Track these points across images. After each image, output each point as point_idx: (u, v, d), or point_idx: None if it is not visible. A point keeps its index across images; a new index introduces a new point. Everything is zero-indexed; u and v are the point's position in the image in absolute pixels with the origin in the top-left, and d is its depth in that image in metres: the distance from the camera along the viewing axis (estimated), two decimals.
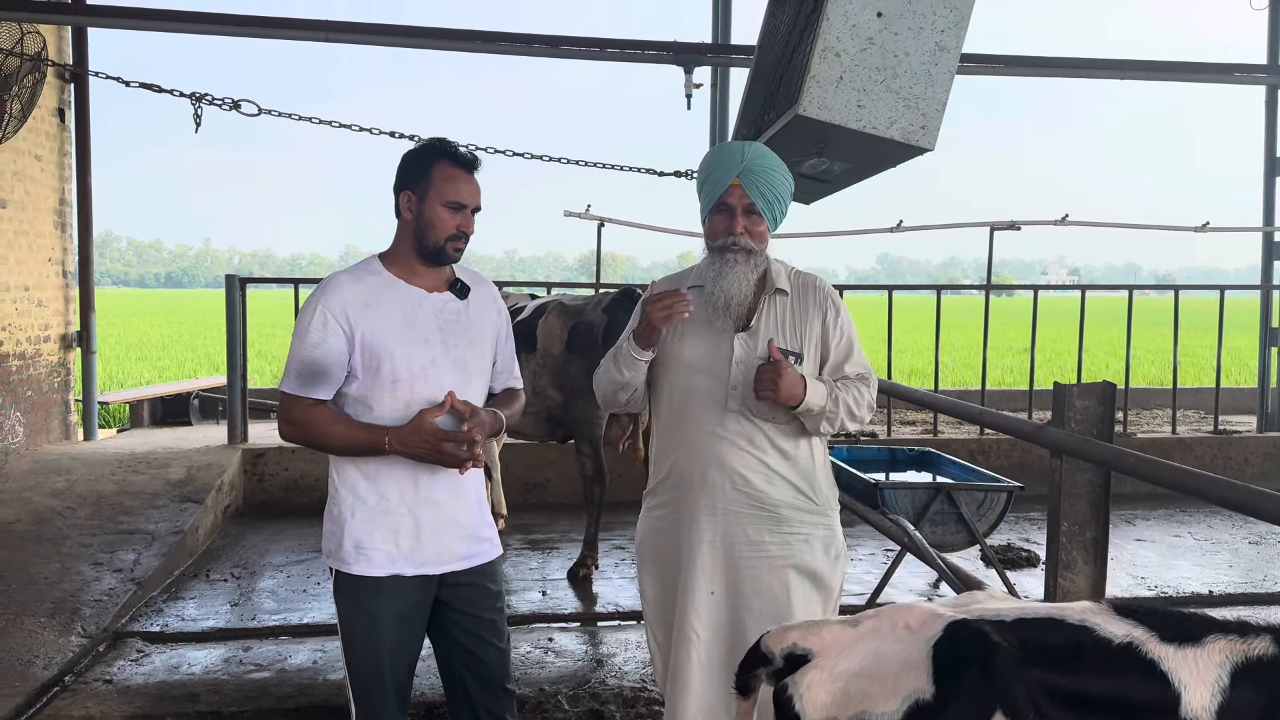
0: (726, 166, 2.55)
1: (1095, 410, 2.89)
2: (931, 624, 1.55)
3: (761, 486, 2.56)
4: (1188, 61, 6.28)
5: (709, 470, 2.56)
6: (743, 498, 2.55)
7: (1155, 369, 16.08)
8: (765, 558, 2.56)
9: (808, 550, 2.58)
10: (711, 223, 2.60)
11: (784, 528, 2.57)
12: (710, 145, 7.44)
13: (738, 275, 2.54)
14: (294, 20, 5.20)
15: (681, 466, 2.61)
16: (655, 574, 2.70)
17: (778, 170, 2.57)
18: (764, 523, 2.56)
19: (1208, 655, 1.47)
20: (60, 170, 7.85)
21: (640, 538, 2.76)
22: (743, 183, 2.52)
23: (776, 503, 2.56)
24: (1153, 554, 6.15)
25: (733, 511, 2.56)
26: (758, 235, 2.56)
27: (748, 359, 2.56)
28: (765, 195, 2.53)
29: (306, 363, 2.46)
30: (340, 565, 2.53)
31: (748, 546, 2.56)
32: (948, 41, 2.76)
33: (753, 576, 2.55)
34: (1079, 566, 2.96)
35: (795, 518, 2.58)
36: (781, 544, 2.57)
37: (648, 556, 2.73)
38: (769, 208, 2.55)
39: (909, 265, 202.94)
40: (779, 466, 2.57)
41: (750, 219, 2.55)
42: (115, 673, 4.18)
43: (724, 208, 2.55)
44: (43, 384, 7.56)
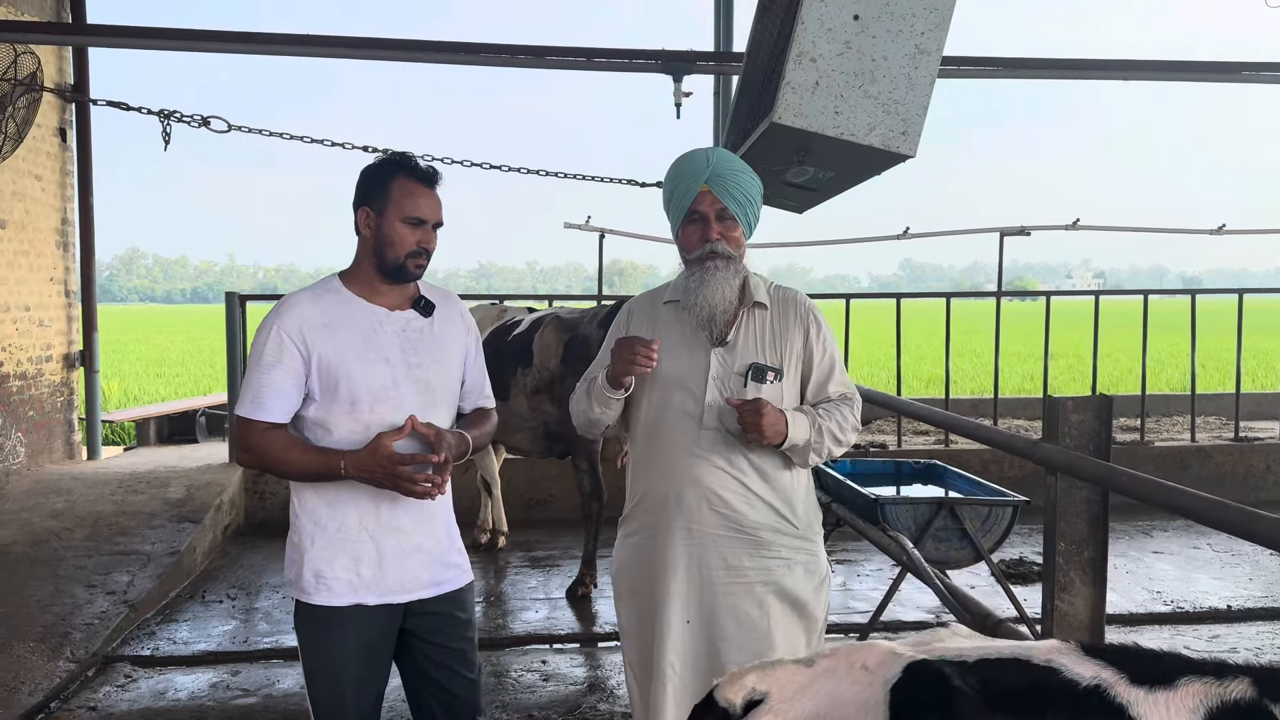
0: (693, 174, 2.47)
1: (1091, 425, 2.77)
2: (890, 664, 1.45)
3: (739, 508, 2.46)
4: (1194, 61, 6.13)
5: (685, 490, 2.46)
6: (720, 519, 2.45)
7: (1177, 374, 15.81)
8: (743, 583, 2.45)
9: (788, 575, 2.48)
10: (685, 234, 2.51)
11: (763, 551, 2.47)
12: None
13: (719, 283, 2.44)
14: (281, 35, 5.15)
15: (656, 487, 2.52)
16: (632, 606, 2.60)
17: (745, 172, 2.49)
18: (742, 546, 2.46)
19: (1180, 699, 1.35)
20: (62, 190, 7.86)
21: (616, 568, 2.66)
22: (712, 188, 2.44)
23: (755, 525, 2.46)
24: (1170, 567, 5.98)
25: (709, 534, 2.46)
26: (734, 241, 2.47)
27: (724, 374, 2.47)
28: (736, 198, 2.45)
29: (261, 385, 2.39)
30: (300, 595, 2.45)
31: (725, 571, 2.46)
32: (928, 44, 2.65)
33: (730, 604, 2.45)
34: (1077, 588, 2.83)
35: (775, 540, 2.48)
36: (761, 569, 2.46)
37: (624, 589, 2.63)
38: (742, 210, 2.47)
39: (931, 270, 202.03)
40: (757, 488, 2.47)
41: (725, 224, 2.46)
42: (100, 699, 4.12)
43: (696, 216, 2.47)
44: (45, 404, 7.56)
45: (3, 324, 6.98)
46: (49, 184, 7.65)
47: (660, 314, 2.58)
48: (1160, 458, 7.64)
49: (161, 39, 5.99)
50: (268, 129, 5.54)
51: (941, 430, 8.27)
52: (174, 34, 6.00)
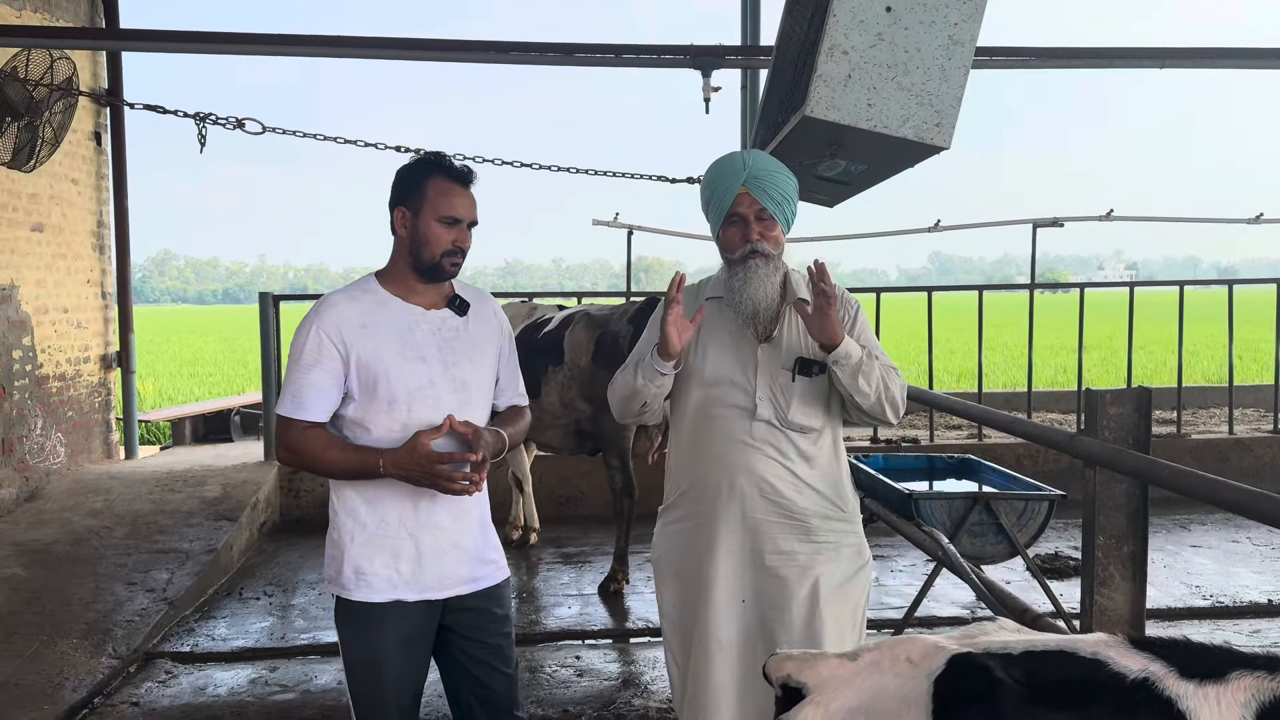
0: (731, 177, 2.52)
1: (1130, 418, 2.73)
2: (934, 657, 1.44)
3: (790, 495, 2.51)
4: (1231, 47, 6.03)
5: (737, 479, 2.51)
6: (772, 506, 2.51)
7: (1214, 365, 15.58)
8: (795, 567, 2.51)
9: (836, 560, 2.54)
10: (726, 236, 2.57)
11: (813, 537, 2.52)
12: (742, 148, 7.32)
13: (762, 280, 2.50)
14: (310, 37, 5.19)
15: (707, 477, 2.56)
16: (676, 590, 2.63)
17: (781, 172, 2.54)
18: (793, 532, 2.51)
19: (1231, 693, 1.33)
20: (98, 193, 7.97)
21: (659, 553, 2.69)
22: (749, 189, 2.49)
23: (805, 511, 2.52)
24: (1209, 561, 5.90)
25: (761, 520, 2.51)
26: (773, 240, 2.53)
27: (772, 369, 2.53)
28: (774, 198, 2.51)
29: (301, 385, 2.41)
30: (341, 591, 2.48)
31: (777, 556, 2.51)
32: (961, 34, 2.63)
33: (780, 586, 2.50)
34: (1116, 583, 2.80)
35: (824, 527, 2.53)
36: (811, 553, 2.52)
37: (668, 572, 2.66)
38: (780, 209, 2.52)
39: (961, 263, 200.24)
40: (806, 475, 2.53)
41: (764, 224, 2.52)
42: (142, 695, 4.18)
43: (736, 218, 2.53)
44: (83, 404, 7.67)
45: (41, 326, 7.09)
46: (85, 187, 7.76)
47: (703, 309, 2.60)
48: (1198, 450, 7.54)
49: (192, 42, 6.05)
50: (301, 130, 5.59)
51: (974, 424, 8.21)
52: (205, 37, 6.06)
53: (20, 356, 6.79)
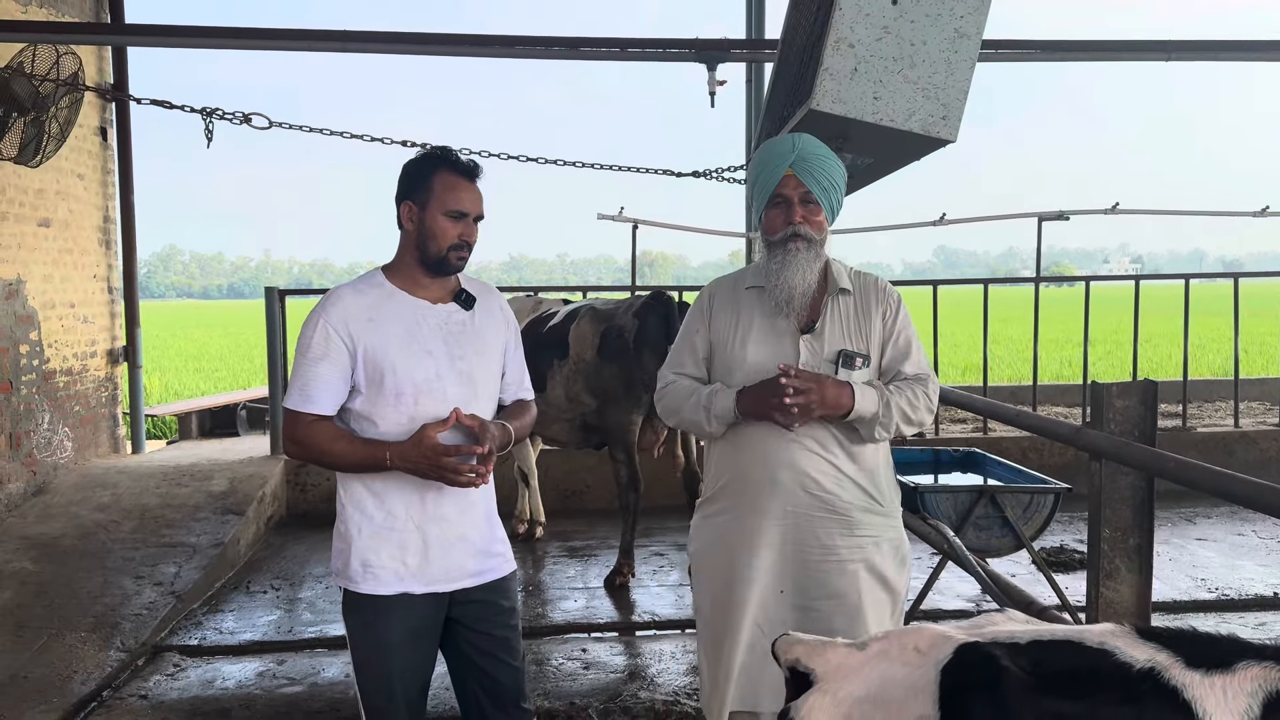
0: (778, 158, 2.49)
1: (1136, 411, 2.74)
2: (941, 647, 1.45)
3: (832, 489, 2.49)
4: (1238, 40, 6.01)
5: (779, 473, 2.49)
6: (814, 501, 2.49)
7: (1220, 358, 15.56)
8: (836, 561, 2.50)
9: (877, 553, 2.53)
10: (769, 217, 2.54)
11: (855, 530, 2.51)
12: (746, 143, 7.32)
13: (800, 265, 2.47)
14: (314, 32, 5.20)
15: (748, 471, 2.54)
16: (714, 582, 2.61)
17: (830, 158, 2.51)
18: (836, 526, 2.50)
19: (1238, 683, 1.34)
20: (104, 188, 7.99)
21: (698, 546, 2.67)
22: (796, 172, 2.47)
23: (847, 505, 2.50)
24: (1214, 554, 5.90)
25: (804, 515, 2.49)
26: (816, 225, 2.50)
27: (814, 362, 2.50)
28: (820, 182, 2.48)
29: (309, 378, 2.42)
30: (348, 584, 2.49)
31: (819, 550, 2.50)
32: (968, 27, 2.63)
33: (822, 579, 2.49)
34: (1122, 575, 2.81)
35: (865, 520, 2.52)
36: (853, 547, 2.50)
37: (706, 564, 2.64)
38: (825, 195, 2.49)
39: (966, 257, 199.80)
40: (847, 468, 2.51)
41: (808, 208, 2.49)
42: (151, 688, 4.20)
43: (780, 200, 2.50)
44: (90, 399, 7.69)
45: (48, 321, 7.11)
46: (91, 183, 7.78)
47: (742, 299, 2.60)
48: (1204, 443, 7.53)
49: (198, 37, 6.07)
50: (307, 125, 5.60)
51: (979, 418, 8.21)
52: (210, 32, 6.06)
53: (27, 351, 6.81)
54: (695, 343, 2.65)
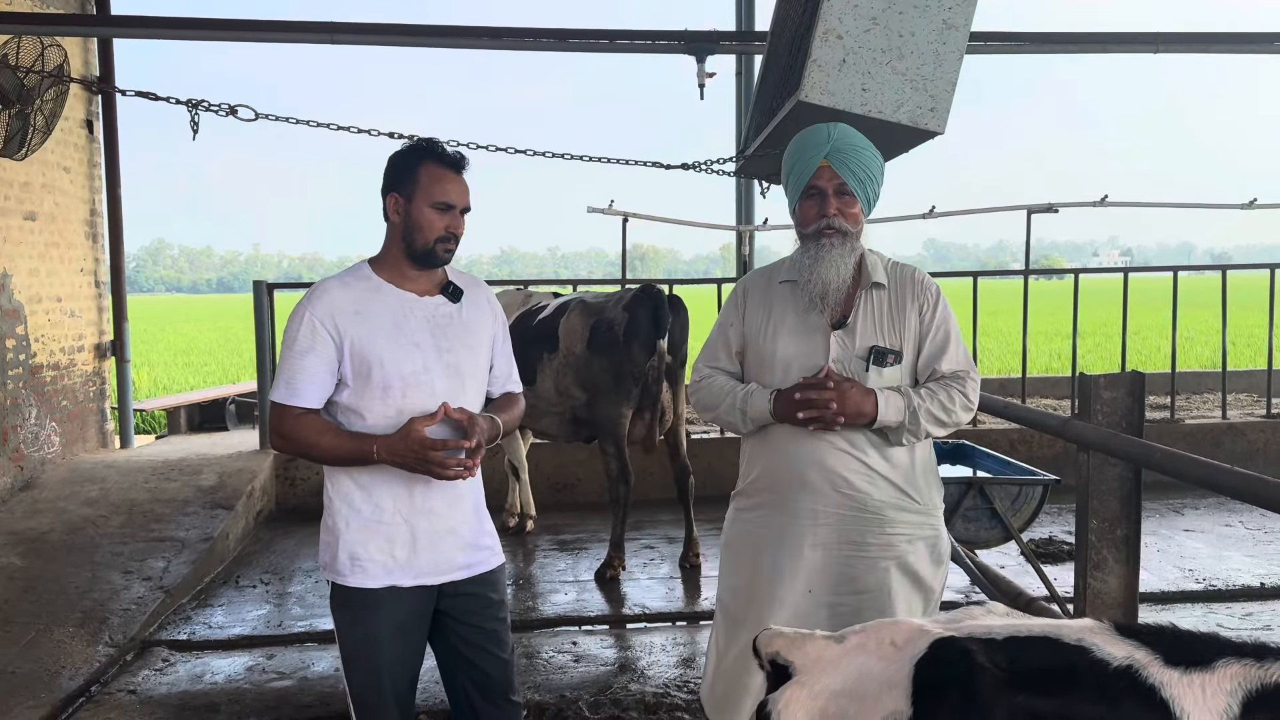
0: (813, 149, 2.44)
1: (1124, 402, 2.75)
2: (917, 641, 1.44)
3: (863, 488, 2.45)
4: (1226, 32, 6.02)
5: (809, 472, 2.46)
6: (844, 500, 2.45)
7: (1208, 350, 15.62)
8: (866, 558, 2.46)
9: (910, 551, 2.48)
10: (802, 210, 2.49)
11: (887, 529, 2.46)
12: (736, 135, 7.31)
13: (834, 259, 2.42)
14: (303, 24, 5.17)
15: (778, 470, 2.51)
16: (740, 577, 2.59)
17: (867, 149, 2.46)
18: (867, 525, 2.46)
19: (1217, 681, 1.33)
20: (90, 181, 7.94)
21: (728, 537, 2.66)
22: (831, 163, 2.42)
23: (880, 504, 2.46)
24: (1202, 545, 5.93)
25: (834, 514, 2.46)
26: (851, 217, 2.45)
27: (845, 358, 2.45)
28: (856, 173, 2.43)
29: (295, 371, 2.41)
30: (336, 577, 2.48)
31: (848, 547, 2.47)
32: (956, 19, 2.63)
33: (851, 575, 2.46)
34: (1110, 566, 2.82)
35: (898, 519, 2.47)
36: (884, 545, 2.46)
37: (733, 558, 2.62)
38: (861, 186, 2.44)
39: (956, 250, 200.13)
40: (879, 466, 2.46)
41: (843, 200, 2.44)
42: (140, 683, 4.19)
43: (814, 191, 2.45)
44: (78, 393, 7.66)
45: (35, 315, 7.07)
46: (77, 176, 7.73)
47: (775, 293, 2.56)
48: (1192, 435, 7.56)
49: (184, 29, 6.03)
50: (294, 117, 5.57)
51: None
52: (196, 24, 6.03)
53: (14, 346, 6.77)
54: (729, 336, 2.62)
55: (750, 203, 7.80)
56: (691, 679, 4.07)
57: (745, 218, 7.82)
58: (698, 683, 4.01)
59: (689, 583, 5.35)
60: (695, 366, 2.67)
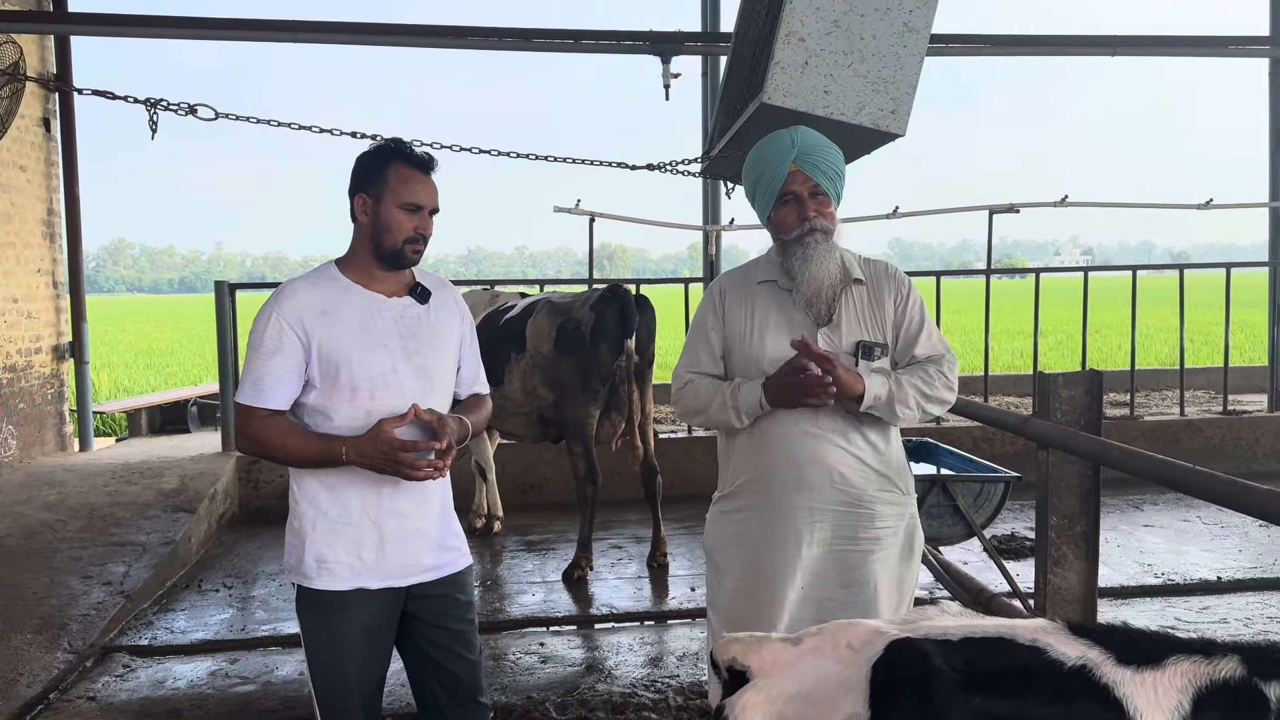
0: (780, 156, 2.47)
1: (1082, 400, 2.79)
2: (873, 643, 1.45)
3: (858, 482, 2.49)
4: (1181, 35, 6.12)
5: (806, 470, 2.48)
6: (840, 495, 2.49)
7: (1167, 348, 15.89)
8: (857, 552, 2.50)
9: (894, 543, 2.54)
10: (780, 216, 2.51)
11: (876, 522, 2.51)
12: (702, 135, 7.33)
13: (823, 258, 2.46)
14: (265, 22, 5.12)
15: (773, 469, 2.52)
16: (732, 579, 2.59)
17: (830, 147, 2.51)
18: (859, 519, 2.50)
19: (1168, 679, 1.36)
20: (47, 180, 7.82)
21: (715, 541, 2.65)
22: (801, 166, 2.45)
23: (871, 498, 2.50)
24: (1161, 540, 6.03)
25: (830, 510, 2.49)
26: (829, 216, 2.49)
27: (833, 354, 2.46)
28: (826, 173, 2.47)
29: (261, 372, 2.39)
30: (302, 580, 2.46)
31: (840, 541, 2.50)
32: (916, 22, 2.65)
33: (840, 569, 2.50)
34: (1069, 562, 2.86)
35: (885, 511, 2.52)
36: (872, 539, 2.51)
37: (724, 560, 2.62)
38: (832, 185, 2.49)
39: (921, 249, 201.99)
40: (871, 460, 2.51)
41: (818, 201, 2.47)
42: (99, 689, 4.13)
43: (790, 197, 2.48)
44: (35, 396, 7.53)
45: None
46: (34, 175, 7.60)
47: (755, 293, 2.57)
48: (1151, 432, 7.69)
49: (143, 26, 5.95)
50: (254, 116, 5.51)
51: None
52: (156, 21, 5.96)
53: None
54: (711, 339, 2.61)
55: (716, 203, 7.83)
56: (659, 678, 4.08)
57: (711, 218, 7.84)
58: (665, 682, 4.02)
59: (657, 582, 5.37)
60: (675, 373, 2.66)
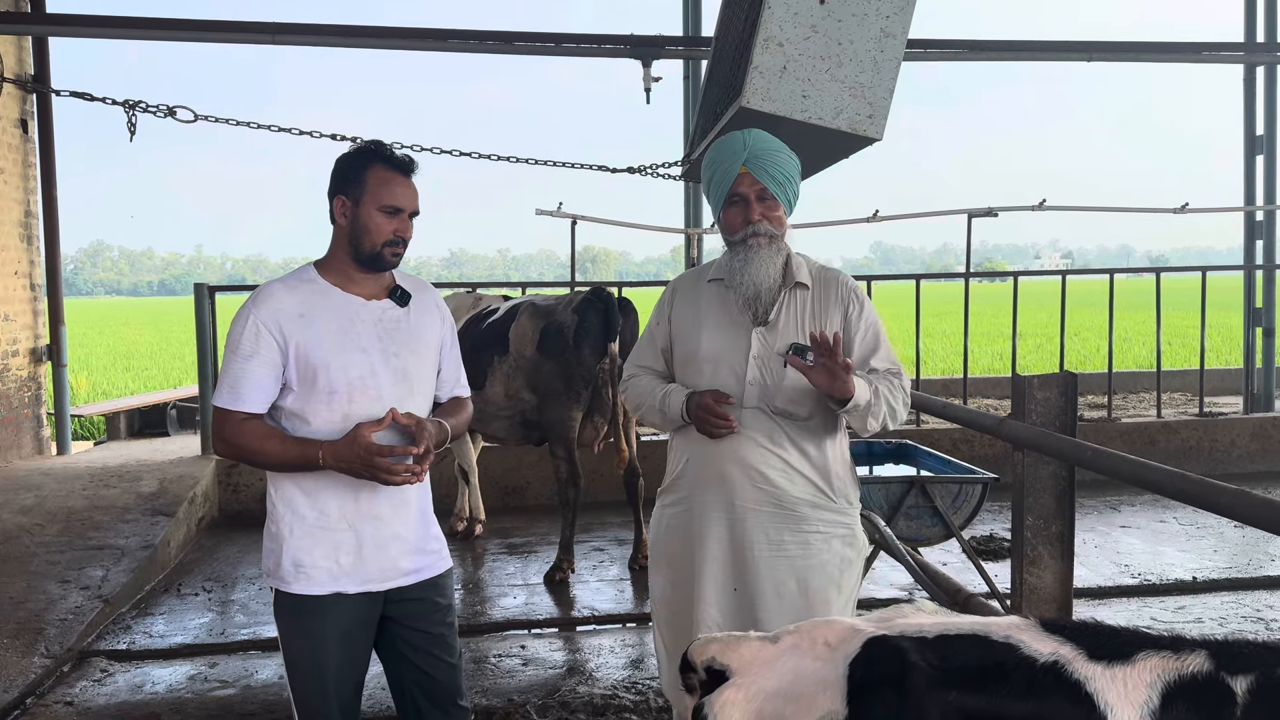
0: (731, 157, 2.51)
1: (1057, 402, 2.82)
2: (850, 640, 1.47)
3: (781, 484, 2.51)
4: (1156, 41, 6.19)
5: (727, 467, 2.51)
6: (762, 495, 2.51)
7: (1143, 351, 16.03)
8: (785, 558, 2.51)
9: (827, 549, 2.54)
10: (727, 217, 2.56)
11: (804, 526, 2.52)
12: (684, 139, 7.35)
13: (763, 261, 2.49)
14: (244, 24, 5.11)
15: (699, 464, 2.57)
16: (668, 574, 2.65)
17: (782, 151, 2.54)
18: (784, 521, 2.51)
19: (1138, 674, 1.38)
20: (25, 182, 7.76)
21: (655, 535, 2.72)
22: (750, 169, 2.49)
23: (796, 500, 2.52)
24: (1138, 540, 6.09)
25: (751, 510, 2.51)
26: (775, 220, 2.52)
27: (765, 354, 2.51)
28: (775, 177, 2.50)
29: (239, 375, 2.38)
30: (280, 584, 2.45)
31: (768, 546, 2.51)
32: (893, 27, 2.68)
33: (771, 576, 2.51)
34: (1045, 562, 2.89)
35: (814, 515, 2.53)
36: (801, 543, 2.52)
37: (661, 556, 2.68)
38: (781, 189, 2.52)
39: (902, 253, 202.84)
40: (798, 463, 2.52)
41: (765, 204, 2.51)
42: (77, 694, 4.10)
43: (737, 198, 2.52)
44: (12, 399, 7.47)
45: None
46: (11, 176, 7.55)
47: (703, 292, 2.62)
48: (1128, 434, 7.76)
49: (122, 28, 5.92)
50: (234, 119, 5.48)
51: (913, 410, 8.34)
52: (134, 23, 5.92)
53: None
54: (655, 335, 2.69)
55: (698, 206, 7.85)
56: (640, 680, 4.09)
57: (693, 220, 7.87)
58: (646, 684, 4.03)
59: (638, 584, 5.37)
60: (625, 366, 2.76)
